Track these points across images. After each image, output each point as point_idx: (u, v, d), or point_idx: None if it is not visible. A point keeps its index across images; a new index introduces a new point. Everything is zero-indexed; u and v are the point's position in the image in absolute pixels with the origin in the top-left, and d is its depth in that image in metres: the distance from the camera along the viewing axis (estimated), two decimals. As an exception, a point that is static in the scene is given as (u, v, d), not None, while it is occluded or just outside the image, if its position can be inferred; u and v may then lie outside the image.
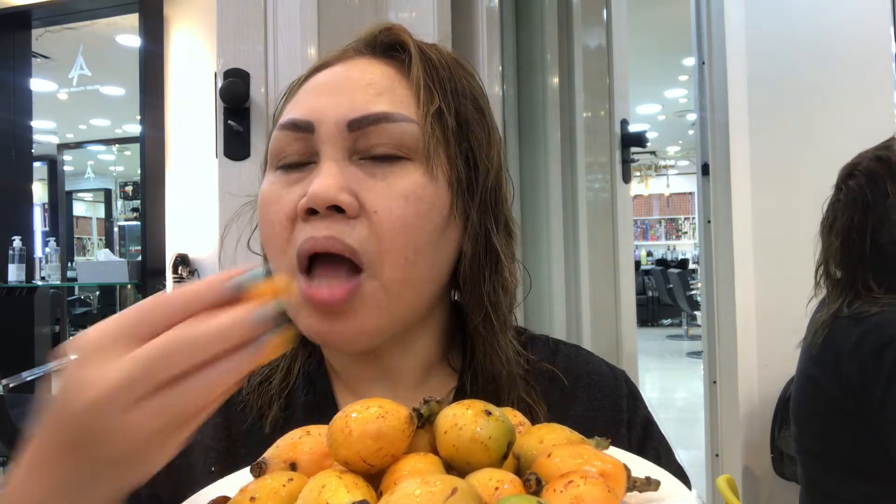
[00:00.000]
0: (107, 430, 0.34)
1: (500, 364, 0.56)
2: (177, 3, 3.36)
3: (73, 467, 0.36)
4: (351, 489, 0.36)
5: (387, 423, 0.39)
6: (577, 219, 1.92)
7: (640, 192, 12.50)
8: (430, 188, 0.52)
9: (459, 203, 0.54)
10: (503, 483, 0.37)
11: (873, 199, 1.28)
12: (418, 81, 0.53)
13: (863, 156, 1.33)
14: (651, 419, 0.63)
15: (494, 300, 0.56)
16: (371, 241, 0.49)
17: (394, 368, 0.58)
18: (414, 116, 0.52)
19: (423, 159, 0.52)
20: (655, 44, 5.57)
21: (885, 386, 1.15)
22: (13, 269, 3.32)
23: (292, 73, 1.02)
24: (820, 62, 1.96)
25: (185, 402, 0.35)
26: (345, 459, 0.39)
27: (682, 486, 0.41)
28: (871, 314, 1.22)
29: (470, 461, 0.39)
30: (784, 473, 1.73)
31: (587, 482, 0.35)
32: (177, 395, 0.34)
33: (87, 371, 0.34)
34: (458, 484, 0.34)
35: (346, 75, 0.54)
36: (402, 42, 0.56)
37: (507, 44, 1.87)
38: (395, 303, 0.51)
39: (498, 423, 0.40)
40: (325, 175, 0.50)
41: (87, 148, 6.77)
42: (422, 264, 0.51)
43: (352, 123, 0.51)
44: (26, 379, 2.61)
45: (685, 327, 9.07)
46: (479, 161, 0.55)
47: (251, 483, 0.40)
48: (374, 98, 0.52)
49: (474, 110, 0.56)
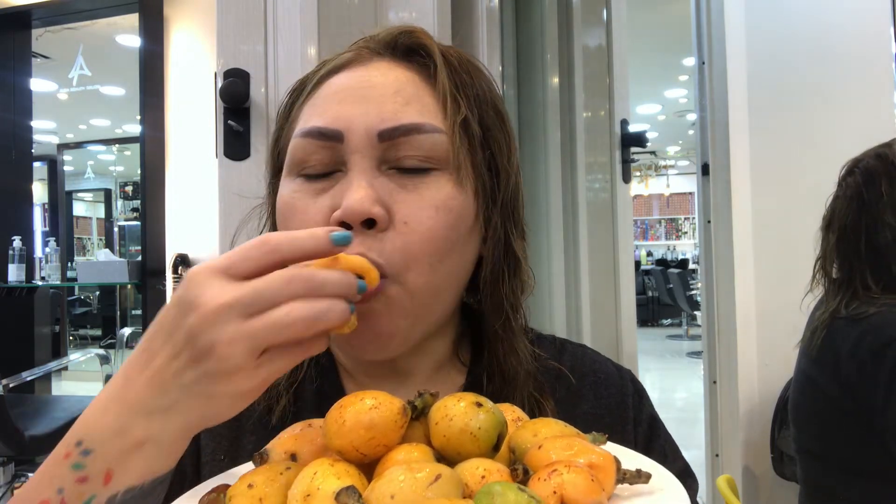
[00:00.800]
0: (212, 342, 0.38)
1: (518, 364, 0.57)
2: (177, 3, 3.35)
3: (174, 373, 0.39)
4: (341, 476, 0.38)
5: (379, 414, 0.40)
6: (577, 219, 1.93)
7: (640, 192, 12.50)
8: (460, 198, 0.52)
9: (484, 210, 0.55)
10: (490, 472, 0.38)
11: (869, 198, 1.27)
12: (444, 90, 0.53)
13: (865, 153, 1.33)
14: (656, 417, 0.63)
15: (514, 302, 0.57)
16: (397, 253, 0.49)
17: (406, 368, 0.59)
18: (441, 126, 0.52)
19: (452, 169, 0.52)
20: (655, 44, 5.57)
21: (885, 387, 1.15)
22: (13, 269, 3.31)
23: (292, 73, 1.02)
24: (820, 62, 1.96)
25: (282, 330, 0.38)
26: (339, 448, 0.40)
27: (674, 479, 0.41)
28: (870, 314, 1.22)
29: (460, 451, 0.40)
30: (784, 473, 1.73)
31: (571, 471, 0.36)
32: (276, 320, 0.38)
33: (199, 290, 0.38)
34: (441, 471, 0.35)
35: (369, 81, 0.53)
36: (425, 46, 0.55)
37: (507, 44, 1.87)
38: (418, 307, 0.51)
39: (488, 414, 0.41)
40: (356, 187, 0.49)
41: (87, 148, 6.76)
42: (444, 271, 0.52)
43: (382, 134, 0.50)
44: (26, 379, 2.61)
45: (685, 327, 9.07)
46: (500, 167, 0.56)
47: (252, 471, 0.41)
48: (403, 107, 0.51)
49: (495, 116, 0.56)
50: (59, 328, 3.71)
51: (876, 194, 1.26)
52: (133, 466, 0.40)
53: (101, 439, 0.40)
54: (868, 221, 1.27)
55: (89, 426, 0.41)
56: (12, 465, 2.42)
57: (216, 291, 0.38)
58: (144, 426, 0.40)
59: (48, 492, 0.40)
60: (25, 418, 2.34)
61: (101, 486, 0.40)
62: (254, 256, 0.39)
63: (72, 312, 6.93)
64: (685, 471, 0.60)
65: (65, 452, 0.41)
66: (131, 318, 5.93)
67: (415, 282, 0.50)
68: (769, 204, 1.93)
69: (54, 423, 2.34)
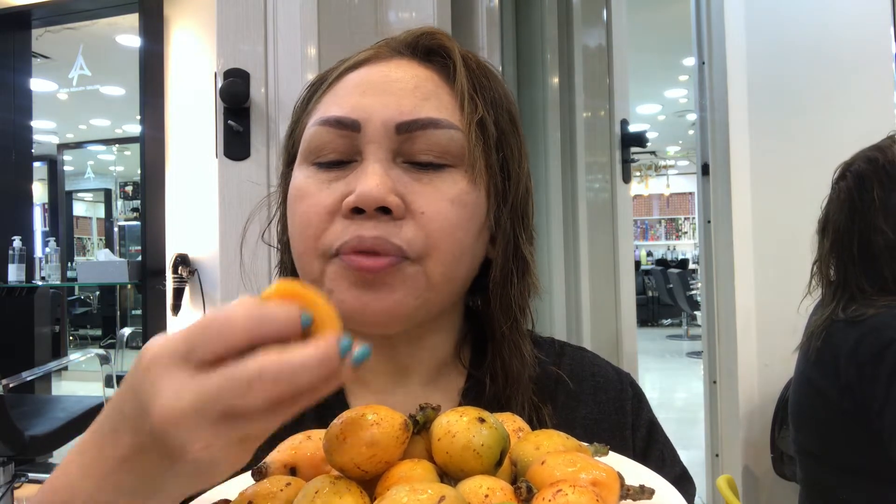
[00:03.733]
0: (182, 445, 0.33)
1: (522, 366, 0.57)
2: (177, 3, 3.35)
3: (145, 470, 0.35)
4: (343, 494, 0.37)
5: (381, 430, 0.39)
6: (577, 219, 1.93)
7: (640, 192, 12.50)
8: (473, 195, 0.53)
9: (494, 211, 0.55)
10: (494, 490, 0.38)
11: (861, 202, 1.27)
12: (462, 89, 0.54)
13: (857, 156, 1.32)
14: (655, 421, 0.63)
15: (522, 304, 0.57)
16: (418, 240, 0.50)
17: (407, 363, 0.58)
18: (458, 124, 0.53)
19: (466, 167, 0.53)
20: (655, 44, 5.57)
21: (885, 389, 1.15)
22: (13, 269, 3.32)
23: (292, 73, 1.03)
24: (820, 62, 1.96)
25: (260, 425, 0.34)
26: (339, 465, 0.40)
27: (678, 495, 0.41)
28: (868, 316, 1.22)
29: (463, 468, 0.40)
30: (784, 473, 1.73)
31: (576, 491, 0.36)
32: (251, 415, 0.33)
33: (157, 383, 0.33)
34: (446, 492, 0.35)
35: (389, 75, 0.54)
36: (445, 48, 0.56)
37: (507, 44, 1.87)
38: (432, 289, 0.52)
39: (491, 430, 0.40)
40: (371, 175, 0.50)
41: (87, 148, 6.77)
42: (461, 265, 0.53)
43: (400, 126, 0.51)
44: (26, 379, 2.61)
45: (685, 327, 9.07)
46: (511, 171, 0.56)
47: (250, 486, 0.40)
48: (421, 102, 0.52)
49: (509, 121, 0.57)
50: (59, 328, 3.71)
51: (868, 199, 1.26)
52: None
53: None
54: (861, 226, 1.26)
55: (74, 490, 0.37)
56: (12, 465, 2.42)
57: (177, 388, 0.33)
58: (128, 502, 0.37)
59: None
60: (25, 418, 2.35)
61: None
62: (217, 341, 0.33)
63: (72, 312, 6.93)
64: (683, 475, 0.60)
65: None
66: (131, 318, 5.94)
67: (433, 268, 0.51)
68: (769, 204, 1.93)
69: (54, 423, 2.34)
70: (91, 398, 2.77)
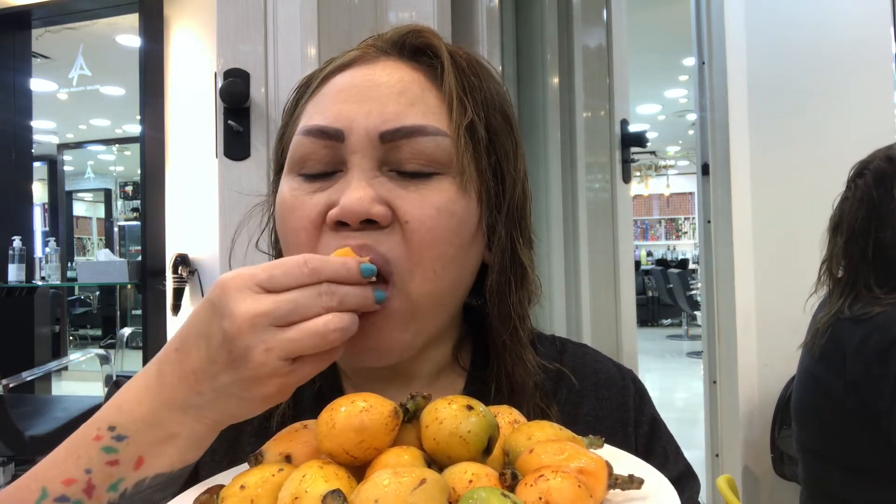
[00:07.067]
0: (248, 348, 0.40)
1: (526, 375, 0.56)
2: (177, 3, 3.35)
3: (206, 380, 0.42)
4: (330, 479, 0.38)
5: (370, 417, 0.40)
6: (577, 219, 1.93)
7: (640, 192, 12.49)
8: (462, 203, 0.51)
9: (487, 217, 0.54)
10: (478, 476, 0.38)
11: (879, 200, 1.27)
12: (451, 92, 0.52)
13: (875, 154, 1.32)
14: (658, 418, 0.63)
15: (521, 312, 0.56)
16: (402, 249, 0.49)
17: (407, 373, 0.58)
18: (445, 128, 0.51)
19: (455, 174, 0.51)
20: (655, 44, 5.56)
21: (891, 386, 1.15)
22: (13, 269, 3.31)
23: (292, 73, 1.02)
24: (820, 62, 1.96)
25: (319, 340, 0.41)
26: (329, 451, 0.40)
27: (668, 484, 0.41)
28: (875, 314, 1.22)
29: (450, 455, 0.40)
30: (784, 473, 1.72)
31: (558, 476, 0.36)
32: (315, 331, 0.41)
33: (235, 297, 0.41)
34: (427, 475, 0.35)
35: (374, 80, 0.52)
36: (432, 46, 0.54)
37: (507, 44, 1.87)
38: (420, 318, 0.51)
39: (479, 418, 0.41)
40: (355, 188, 0.49)
41: (87, 148, 6.77)
42: (447, 278, 0.51)
43: (384, 135, 0.50)
44: (26, 379, 2.61)
45: (685, 327, 9.07)
46: (506, 173, 0.55)
47: (245, 472, 0.41)
48: (406, 108, 0.50)
49: (502, 120, 0.55)
50: (59, 328, 3.71)
51: (886, 197, 1.26)
52: (164, 455, 0.43)
53: (135, 428, 0.43)
54: (877, 224, 1.26)
55: (123, 413, 0.44)
56: (12, 465, 2.42)
57: (252, 301, 0.41)
58: (178, 420, 0.43)
59: (74, 471, 0.42)
60: (25, 418, 2.35)
61: (132, 471, 0.43)
62: (294, 274, 0.42)
63: (72, 312, 6.93)
64: (686, 472, 0.60)
65: (95, 435, 0.43)
66: (131, 318, 5.93)
67: (418, 290, 0.50)
68: (769, 204, 1.93)
69: (54, 423, 2.35)
70: (91, 398, 2.77)
